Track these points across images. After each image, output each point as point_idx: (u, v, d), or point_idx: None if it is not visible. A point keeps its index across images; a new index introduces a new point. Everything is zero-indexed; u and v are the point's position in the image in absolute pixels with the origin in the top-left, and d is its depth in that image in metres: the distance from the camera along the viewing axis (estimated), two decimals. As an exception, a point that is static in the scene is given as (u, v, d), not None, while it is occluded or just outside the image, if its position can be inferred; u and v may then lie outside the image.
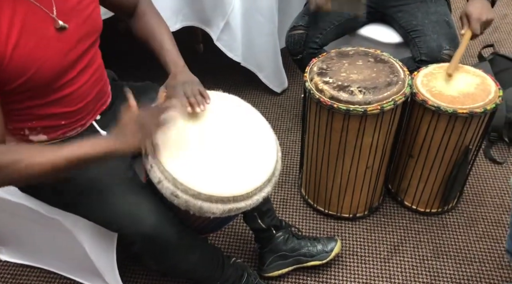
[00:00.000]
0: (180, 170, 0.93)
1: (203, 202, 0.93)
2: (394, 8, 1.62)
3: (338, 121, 1.29)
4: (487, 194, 1.57)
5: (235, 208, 0.96)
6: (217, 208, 0.94)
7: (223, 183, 0.95)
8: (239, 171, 0.99)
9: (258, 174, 0.99)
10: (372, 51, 1.40)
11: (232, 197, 0.95)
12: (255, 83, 2.01)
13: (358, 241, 1.46)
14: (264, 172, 1.00)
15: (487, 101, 1.26)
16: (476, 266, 1.36)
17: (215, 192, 0.93)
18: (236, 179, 0.97)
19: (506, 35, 2.30)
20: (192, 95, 1.03)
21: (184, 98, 1.03)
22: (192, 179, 0.93)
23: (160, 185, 0.93)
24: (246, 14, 1.79)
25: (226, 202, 0.95)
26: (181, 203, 0.93)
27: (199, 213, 0.94)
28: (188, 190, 0.93)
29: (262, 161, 1.02)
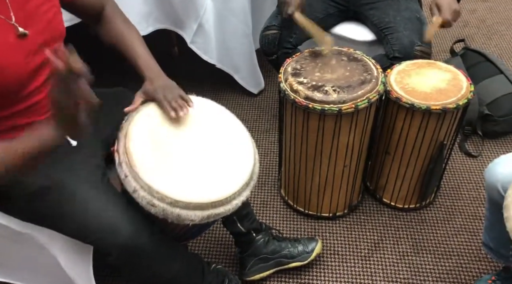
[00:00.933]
0: (155, 178, 0.91)
1: (181, 209, 0.91)
2: (366, 6, 1.63)
3: (314, 121, 1.29)
4: (464, 188, 1.59)
5: (214, 214, 0.94)
6: (196, 215, 0.92)
7: (200, 189, 0.94)
8: (217, 176, 0.97)
9: (236, 179, 0.98)
10: (345, 50, 1.40)
11: (211, 203, 0.93)
12: (231, 85, 1.99)
13: (339, 240, 1.46)
14: (242, 176, 0.99)
15: (459, 96, 1.27)
16: (455, 260, 1.38)
17: (193, 199, 0.91)
18: (213, 185, 0.95)
19: (476, 29, 2.35)
20: (173, 100, 1.01)
21: (166, 102, 1.01)
22: (169, 186, 0.91)
23: (136, 194, 0.91)
24: (219, 16, 1.77)
25: (205, 209, 0.93)
26: (158, 212, 0.91)
27: (177, 221, 0.92)
28: (165, 198, 0.90)
29: (240, 165, 1.01)
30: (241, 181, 0.97)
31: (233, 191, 0.95)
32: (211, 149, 1.01)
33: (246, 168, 1.00)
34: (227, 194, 0.94)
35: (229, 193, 0.95)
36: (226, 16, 1.78)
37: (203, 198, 0.92)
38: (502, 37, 2.28)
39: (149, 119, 1.01)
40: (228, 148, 1.03)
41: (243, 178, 0.98)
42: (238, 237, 1.31)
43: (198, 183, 0.94)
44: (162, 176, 0.92)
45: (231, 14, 1.78)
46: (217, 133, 1.05)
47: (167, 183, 0.91)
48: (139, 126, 0.98)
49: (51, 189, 0.95)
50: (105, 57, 1.85)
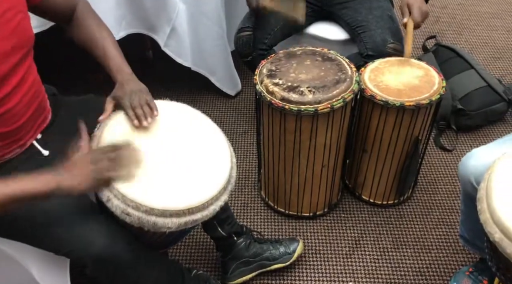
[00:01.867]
0: (129, 186, 0.90)
1: (157, 217, 0.89)
2: (339, 5, 1.64)
3: (290, 121, 1.29)
4: (440, 182, 1.62)
5: (191, 220, 0.92)
6: (172, 222, 0.91)
7: (176, 196, 0.92)
8: (193, 181, 0.96)
9: (213, 183, 0.97)
10: (319, 50, 1.41)
11: (187, 209, 0.91)
12: (208, 87, 1.98)
13: (320, 239, 1.47)
14: (219, 180, 0.97)
15: (432, 92, 1.29)
16: (434, 253, 1.40)
17: (169, 206, 0.90)
18: (190, 190, 0.94)
19: (447, 25, 2.39)
20: (139, 106, 0.99)
21: (130, 110, 0.99)
22: (143, 194, 0.89)
23: (110, 203, 0.89)
24: (192, 19, 1.76)
25: (181, 215, 0.91)
26: (133, 221, 0.89)
27: (153, 229, 0.90)
28: (139, 207, 0.89)
29: (216, 170, 1.00)
30: (218, 186, 0.96)
31: (210, 196, 0.94)
32: (186, 155, 1.00)
33: (223, 172, 0.99)
34: (204, 199, 0.93)
35: (206, 198, 0.93)
36: (199, 18, 1.77)
37: (180, 204, 0.90)
38: (472, 33, 2.33)
39: (121, 126, 0.99)
40: (204, 153, 1.02)
41: (220, 183, 0.97)
42: (219, 241, 1.30)
43: (173, 190, 0.93)
44: (136, 184, 0.90)
45: (205, 17, 1.77)
46: (192, 138, 1.04)
47: (141, 191, 0.89)
48: (111, 134, 0.96)
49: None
50: (77, 63, 1.83)
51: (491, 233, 0.86)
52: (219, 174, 0.98)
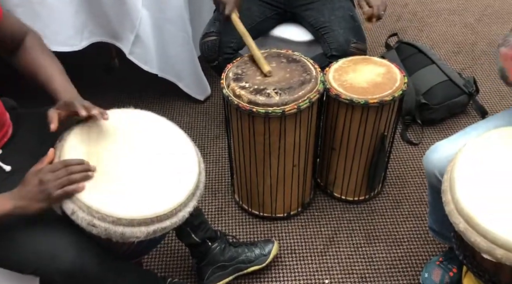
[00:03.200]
0: (94, 196, 0.88)
1: (124, 227, 0.88)
2: (302, 7, 1.66)
3: (259, 124, 1.30)
4: (408, 175, 1.66)
5: (160, 228, 0.92)
6: (141, 231, 0.89)
7: (143, 204, 0.91)
8: (160, 188, 0.95)
9: (181, 190, 0.96)
10: (284, 52, 1.42)
11: (155, 217, 0.90)
12: (177, 93, 1.97)
13: (295, 238, 1.48)
14: (187, 186, 0.97)
15: (394, 88, 1.32)
16: (406, 246, 1.44)
17: (136, 215, 0.89)
18: (157, 198, 0.93)
19: (408, 23, 2.46)
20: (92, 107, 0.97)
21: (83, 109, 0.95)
22: (109, 204, 0.88)
23: (75, 216, 0.87)
24: (156, 25, 1.75)
25: (150, 224, 0.90)
26: (100, 232, 0.87)
27: (122, 239, 0.89)
28: (106, 217, 0.87)
29: (184, 175, 0.99)
30: (186, 192, 0.95)
31: (178, 203, 0.93)
32: (151, 162, 0.99)
33: (190, 178, 0.98)
34: (172, 206, 0.92)
35: (174, 205, 0.93)
36: (163, 25, 1.76)
37: (147, 213, 0.89)
38: (432, 29, 2.41)
39: (83, 137, 0.97)
40: (170, 159, 1.01)
41: (188, 189, 0.96)
42: (194, 248, 1.30)
43: (140, 198, 0.92)
44: (101, 194, 0.89)
45: (169, 23, 1.76)
46: (157, 145, 1.03)
47: (107, 201, 0.88)
48: (73, 146, 0.94)
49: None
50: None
51: (456, 223, 0.89)
52: (186, 179, 0.98)
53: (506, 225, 0.82)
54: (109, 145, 0.99)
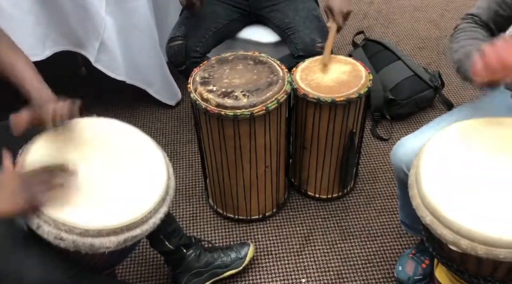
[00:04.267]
0: (59, 209, 0.86)
1: (93, 238, 0.87)
2: (267, 9, 1.67)
3: (228, 127, 1.29)
4: (380, 171, 1.69)
5: (130, 236, 0.90)
6: (111, 241, 0.88)
7: (111, 213, 0.90)
8: (128, 196, 0.94)
9: (149, 196, 0.95)
10: (251, 54, 1.42)
11: (125, 226, 0.89)
12: (147, 99, 1.95)
13: (271, 239, 1.48)
14: (156, 192, 0.96)
15: (360, 86, 1.34)
16: (380, 240, 1.46)
17: (105, 225, 0.87)
18: (125, 206, 0.92)
19: (374, 20, 2.50)
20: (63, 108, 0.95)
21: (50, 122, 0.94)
22: (76, 216, 0.86)
23: (40, 230, 0.85)
24: (122, 32, 1.72)
25: (119, 233, 0.89)
26: (68, 245, 0.86)
27: (91, 251, 0.87)
28: (73, 229, 0.86)
29: (152, 182, 0.98)
30: (155, 198, 0.95)
31: (148, 210, 0.93)
32: (118, 170, 0.98)
33: (159, 183, 0.98)
34: (142, 214, 0.91)
35: (144, 212, 0.92)
36: (129, 31, 1.74)
37: (116, 222, 0.88)
38: (397, 26, 2.45)
39: (46, 149, 0.95)
40: (137, 166, 1.00)
41: (157, 195, 0.95)
42: (168, 255, 1.28)
43: (108, 207, 0.90)
44: (67, 206, 0.87)
45: (135, 29, 1.74)
46: (123, 153, 1.02)
47: (73, 212, 0.86)
48: (36, 158, 0.92)
49: None
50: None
51: (423, 216, 0.91)
52: (155, 186, 0.97)
53: (470, 216, 0.84)
54: (74, 155, 0.97)
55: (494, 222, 0.82)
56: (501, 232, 0.80)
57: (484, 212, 0.84)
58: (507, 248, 0.79)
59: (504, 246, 0.79)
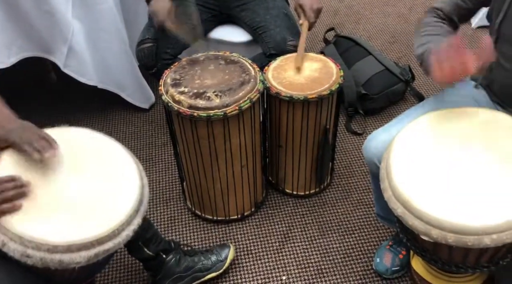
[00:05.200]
0: (25, 225, 0.83)
1: (62, 254, 0.84)
2: (237, 8, 1.67)
3: (202, 128, 1.29)
4: (355, 165, 1.71)
5: (102, 250, 0.87)
6: (81, 257, 0.85)
7: (81, 227, 0.87)
8: (99, 209, 0.91)
9: (122, 208, 0.92)
10: (222, 54, 1.42)
11: (96, 240, 0.86)
12: (121, 103, 1.92)
13: (250, 239, 1.48)
14: (128, 204, 0.93)
15: (331, 82, 1.35)
16: (357, 234, 1.48)
17: (74, 240, 0.84)
18: (96, 219, 0.89)
19: (345, 17, 2.53)
20: (34, 141, 0.92)
21: (26, 144, 0.91)
22: (43, 231, 0.83)
23: (6, 248, 0.82)
24: (90, 36, 1.69)
25: (90, 247, 0.86)
26: (36, 262, 0.82)
27: (60, 267, 0.84)
28: (40, 246, 0.83)
29: (124, 193, 0.95)
30: (128, 210, 0.92)
31: (120, 222, 0.90)
32: (89, 182, 0.95)
33: (131, 194, 0.95)
34: (113, 226, 0.89)
35: (115, 225, 0.89)
36: (98, 35, 1.71)
37: (86, 236, 0.85)
38: (368, 21, 2.48)
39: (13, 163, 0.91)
40: (109, 178, 0.97)
41: (129, 206, 0.93)
42: (148, 262, 1.27)
43: (78, 221, 0.87)
44: (34, 222, 0.84)
45: (104, 32, 1.71)
46: (94, 164, 0.99)
47: (40, 228, 0.83)
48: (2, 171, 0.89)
49: None
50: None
51: (395, 208, 0.93)
52: (127, 197, 0.94)
53: (439, 206, 0.86)
54: (42, 168, 0.94)
55: (462, 211, 0.84)
56: (468, 220, 0.82)
57: (452, 201, 0.86)
58: (474, 235, 0.82)
59: (471, 233, 0.82)
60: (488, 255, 0.90)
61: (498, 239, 0.81)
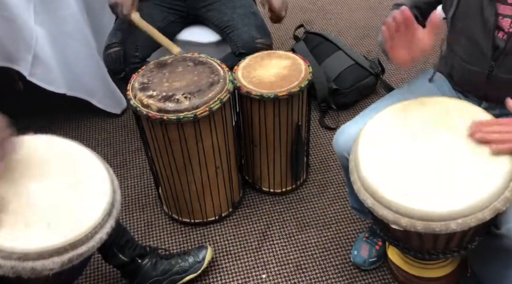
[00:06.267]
0: None
1: (34, 262, 0.83)
2: (204, 9, 1.66)
3: (173, 131, 1.28)
4: (330, 159, 1.72)
5: (76, 255, 0.87)
6: (54, 263, 0.84)
7: (52, 232, 0.86)
8: (70, 214, 0.90)
9: (93, 212, 0.92)
10: (190, 55, 1.41)
11: (68, 244, 0.86)
12: (91, 110, 1.89)
13: (229, 239, 1.48)
14: (100, 207, 0.93)
15: (301, 79, 1.36)
16: (335, 227, 1.49)
17: (45, 245, 0.83)
18: (68, 224, 0.88)
19: (316, 13, 2.54)
20: None
21: None
22: (12, 239, 0.82)
23: None
24: (56, 42, 1.66)
25: (63, 253, 0.86)
26: (7, 272, 0.81)
27: (33, 275, 0.83)
28: (11, 254, 0.82)
29: (96, 197, 0.95)
30: (100, 213, 0.92)
31: (92, 225, 0.90)
32: (58, 187, 0.94)
33: (103, 197, 0.95)
34: (86, 230, 0.88)
35: (88, 228, 0.89)
36: (64, 41, 1.68)
37: (58, 241, 0.84)
38: (337, 17, 2.51)
39: None
40: (79, 182, 0.96)
41: (101, 209, 0.92)
42: (123, 268, 1.25)
43: (48, 227, 0.86)
44: (2, 229, 0.82)
45: (70, 38, 1.68)
46: (63, 169, 0.98)
47: (9, 236, 0.82)
48: None
49: None
50: None
51: (364, 200, 0.94)
52: (99, 200, 0.94)
53: (407, 195, 0.87)
54: (9, 175, 0.92)
55: (428, 198, 0.85)
56: (434, 207, 0.84)
57: (419, 189, 0.87)
58: (441, 221, 0.83)
59: (438, 219, 0.83)
60: (457, 240, 0.92)
61: (464, 223, 0.83)
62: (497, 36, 1.00)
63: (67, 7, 1.63)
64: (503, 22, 0.98)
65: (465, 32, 1.05)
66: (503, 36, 0.99)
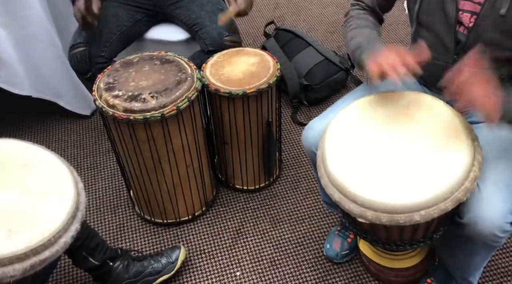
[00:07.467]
0: None
1: None
2: (171, 6, 1.64)
3: (140, 131, 1.26)
4: (302, 155, 1.73)
5: (38, 261, 0.85)
6: (15, 270, 0.82)
7: (12, 239, 0.83)
8: (31, 219, 0.88)
9: (57, 215, 0.90)
10: (156, 54, 1.39)
11: (30, 250, 0.84)
12: (59, 112, 1.85)
13: (203, 238, 1.47)
14: (63, 210, 0.91)
15: (269, 76, 1.36)
16: (308, 222, 1.50)
17: (4, 252, 0.81)
18: (29, 229, 0.86)
19: (286, 9, 2.55)
20: None
21: None
22: None
23: None
24: (19, 44, 1.61)
25: (24, 259, 0.83)
26: None
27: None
28: None
29: (58, 200, 0.93)
30: (63, 216, 0.90)
31: (56, 230, 0.87)
32: (18, 193, 0.91)
33: (66, 200, 0.93)
34: (49, 234, 0.86)
35: (51, 233, 0.87)
36: (28, 42, 1.63)
37: (17, 248, 0.82)
38: (308, 13, 2.52)
39: None
40: (40, 186, 0.94)
41: (65, 212, 0.90)
42: (94, 271, 1.23)
43: (8, 234, 0.84)
44: None
45: (34, 39, 1.64)
46: (22, 174, 0.95)
47: None
48: None
49: None
50: None
51: (332, 194, 0.95)
52: (62, 204, 0.92)
53: (371, 188, 0.89)
54: None
55: (392, 191, 0.87)
56: (398, 199, 0.85)
57: (383, 182, 0.89)
58: (405, 213, 0.85)
59: (402, 211, 0.85)
60: (422, 231, 0.94)
61: (427, 214, 0.84)
62: (459, 31, 1.02)
63: (30, 7, 1.58)
64: (463, 17, 1.00)
65: (429, 27, 1.07)
66: (464, 30, 1.02)
